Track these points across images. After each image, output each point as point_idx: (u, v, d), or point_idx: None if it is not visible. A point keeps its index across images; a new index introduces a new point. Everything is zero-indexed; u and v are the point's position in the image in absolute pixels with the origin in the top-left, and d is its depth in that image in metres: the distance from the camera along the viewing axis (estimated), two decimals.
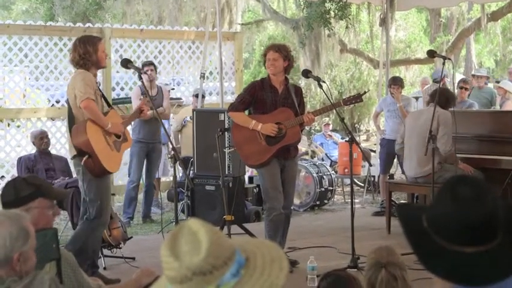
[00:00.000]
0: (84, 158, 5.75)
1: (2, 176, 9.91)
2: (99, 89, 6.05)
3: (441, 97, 7.52)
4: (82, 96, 5.76)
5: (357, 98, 6.66)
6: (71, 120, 5.93)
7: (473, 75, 12.16)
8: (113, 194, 8.35)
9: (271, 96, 6.42)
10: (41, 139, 8.23)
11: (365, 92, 7.11)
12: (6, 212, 3.01)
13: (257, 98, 6.40)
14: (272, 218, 6.40)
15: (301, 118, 6.38)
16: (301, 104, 6.61)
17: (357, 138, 9.98)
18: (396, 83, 9.56)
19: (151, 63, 9.09)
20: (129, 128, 9.53)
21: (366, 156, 7.46)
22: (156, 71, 9.18)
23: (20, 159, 8.33)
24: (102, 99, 6.08)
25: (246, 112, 6.58)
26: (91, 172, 5.84)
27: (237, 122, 6.46)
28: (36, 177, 4.16)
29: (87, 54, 5.88)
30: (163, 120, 6.53)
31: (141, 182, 9.18)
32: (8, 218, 2.84)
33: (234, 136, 6.53)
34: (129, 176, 9.01)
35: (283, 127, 6.37)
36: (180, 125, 10.02)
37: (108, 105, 6.21)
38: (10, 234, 2.78)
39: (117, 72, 11.14)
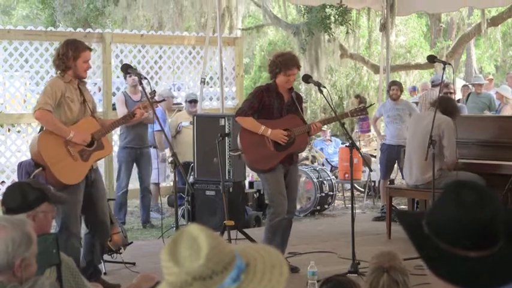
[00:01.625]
0: (36, 171, 5.64)
1: (3, 181, 9.91)
2: (82, 94, 5.84)
3: (448, 106, 7.57)
4: (36, 106, 5.63)
5: (363, 111, 6.80)
6: (41, 129, 5.87)
7: (472, 84, 12.22)
8: (113, 199, 8.35)
9: (277, 103, 6.44)
10: None
11: (371, 105, 7.21)
12: (9, 217, 3.01)
13: (264, 104, 6.41)
14: (273, 223, 6.43)
15: (309, 126, 6.44)
16: (301, 111, 6.66)
17: (357, 144, 9.98)
18: (395, 83, 9.64)
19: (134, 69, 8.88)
20: (118, 133, 9.40)
21: (367, 162, 7.47)
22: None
23: (20, 165, 8.28)
24: (86, 105, 5.86)
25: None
26: (49, 184, 5.69)
27: (245, 127, 6.43)
28: (39, 182, 4.17)
29: (64, 56, 5.70)
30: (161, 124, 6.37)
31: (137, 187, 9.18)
32: (11, 223, 2.84)
33: (241, 140, 6.48)
34: (116, 182, 8.98)
35: (292, 134, 6.40)
36: (175, 130, 9.93)
37: (91, 112, 5.94)
38: (13, 239, 2.78)
39: (118, 77, 11.15)
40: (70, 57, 5.71)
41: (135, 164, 8.94)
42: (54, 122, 5.63)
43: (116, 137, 9.99)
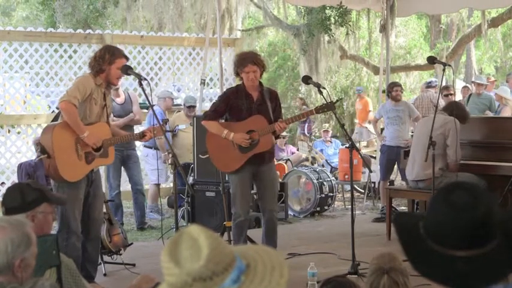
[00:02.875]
0: (41, 156, 5.71)
1: (3, 183, 9.92)
2: (105, 100, 5.92)
3: (460, 111, 7.66)
4: (63, 97, 5.70)
5: (330, 107, 6.51)
6: (56, 118, 5.91)
7: (473, 82, 12.19)
8: (112, 201, 8.34)
9: (246, 104, 6.52)
10: (37, 145, 8.22)
11: (337, 100, 7.04)
12: (8, 218, 3.01)
13: (232, 105, 6.52)
14: (237, 223, 6.59)
15: (273, 126, 6.45)
16: (277, 108, 6.66)
17: (357, 145, 9.98)
18: (397, 84, 9.65)
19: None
20: None
21: (366, 163, 7.46)
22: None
23: (20, 166, 8.33)
24: (105, 111, 5.94)
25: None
26: (47, 172, 5.83)
27: (210, 131, 6.59)
28: (38, 183, 4.18)
29: (101, 59, 5.83)
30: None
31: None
32: (10, 224, 2.84)
33: (208, 143, 6.65)
34: (108, 184, 8.96)
35: (256, 135, 6.46)
36: (171, 133, 9.91)
37: (107, 118, 6.02)
38: (12, 240, 2.78)
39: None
40: (106, 60, 5.82)
41: (123, 167, 8.93)
42: (75, 117, 5.69)
43: None
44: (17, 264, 2.79)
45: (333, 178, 10.48)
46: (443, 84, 9.26)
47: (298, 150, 13.34)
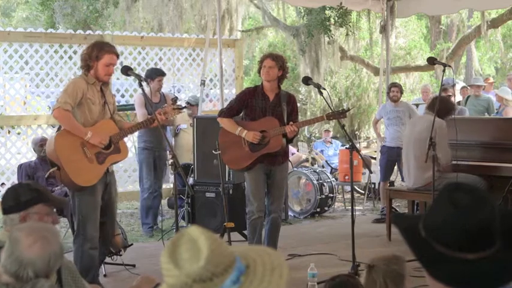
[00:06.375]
0: (51, 170, 5.57)
1: (3, 183, 9.92)
2: (104, 96, 5.76)
3: (441, 106, 7.48)
4: (56, 105, 5.56)
5: (341, 114, 6.57)
6: (59, 128, 5.85)
7: (470, 86, 12.18)
8: None
9: (261, 104, 6.60)
10: (41, 146, 8.20)
11: (349, 109, 7.10)
12: (46, 226, 2.99)
13: (247, 104, 6.62)
14: (251, 221, 6.67)
15: (283, 128, 6.48)
16: (294, 112, 6.69)
17: (357, 145, 9.97)
18: (395, 85, 9.63)
19: (162, 73, 8.87)
20: (135, 134, 9.32)
21: (367, 163, 7.47)
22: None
23: (20, 166, 8.33)
24: (106, 107, 5.79)
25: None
26: (63, 184, 5.71)
27: (224, 127, 6.70)
28: (38, 184, 4.17)
29: (88, 56, 5.66)
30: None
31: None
32: (52, 234, 2.86)
33: (220, 140, 6.75)
34: (140, 185, 8.92)
35: (267, 135, 6.52)
36: (173, 132, 9.92)
37: (111, 114, 5.87)
38: (55, 253, 2.84)
39: (117, 79, 11.15)
40: (93, 57, 5.66)
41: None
42: (72, 121, 5.54)
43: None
44: (54, 271, 2.84)
45: (333, 179, 10.47)
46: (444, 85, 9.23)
47: (298, 151, 13.34)
